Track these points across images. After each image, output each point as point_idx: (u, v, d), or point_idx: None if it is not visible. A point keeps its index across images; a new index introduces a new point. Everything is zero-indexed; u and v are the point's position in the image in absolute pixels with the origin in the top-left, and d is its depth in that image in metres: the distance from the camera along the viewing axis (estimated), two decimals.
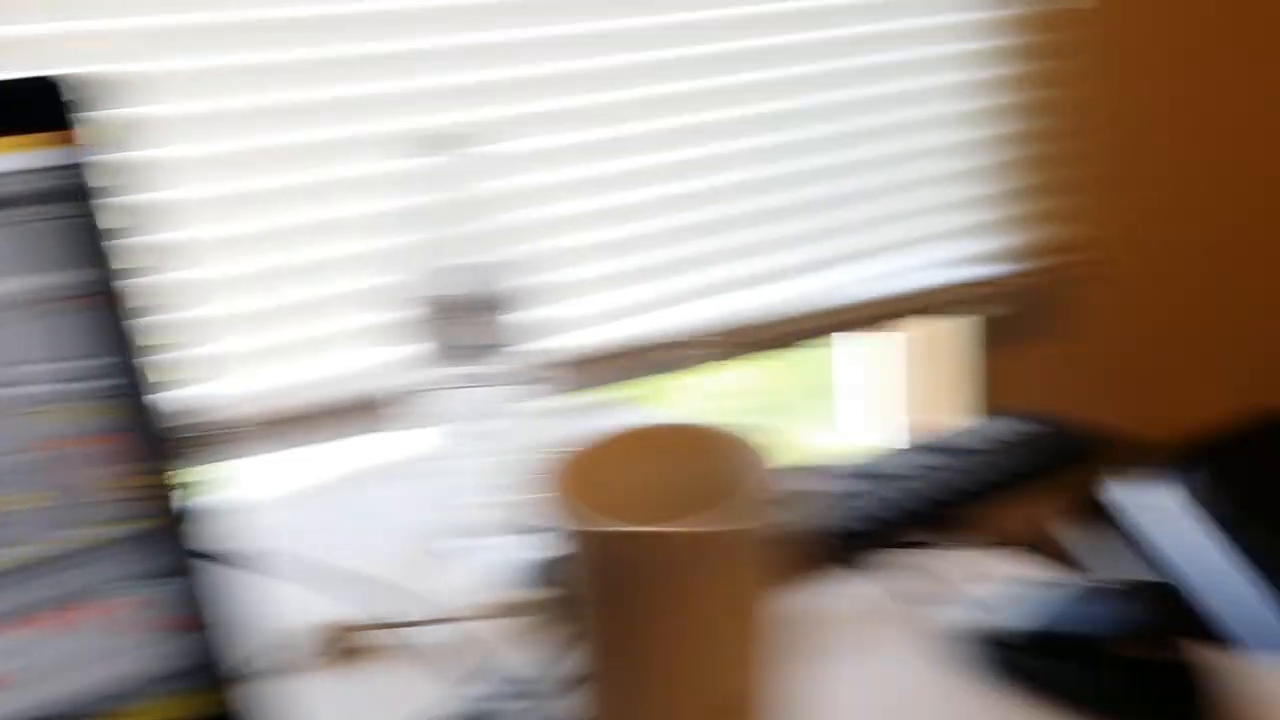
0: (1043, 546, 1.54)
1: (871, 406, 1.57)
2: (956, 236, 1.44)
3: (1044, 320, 1.56)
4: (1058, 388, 1.58)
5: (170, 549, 0.50)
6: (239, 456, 1.08)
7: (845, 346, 1.52)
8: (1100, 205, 1.55)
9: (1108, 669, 0.63)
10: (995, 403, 1.54)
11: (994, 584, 0.73)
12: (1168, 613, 0.66)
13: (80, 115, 0.47)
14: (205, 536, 0.50)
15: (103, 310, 0.48)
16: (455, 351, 0.75)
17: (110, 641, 0.50)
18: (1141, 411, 1.65)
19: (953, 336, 1.52)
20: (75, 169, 0.47)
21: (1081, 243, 1.53)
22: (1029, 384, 1.57)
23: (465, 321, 0.75)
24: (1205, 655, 0.64)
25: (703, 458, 0.56)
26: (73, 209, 0.47)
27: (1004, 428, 0.96)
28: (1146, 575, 1.48)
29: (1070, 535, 1.54)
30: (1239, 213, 1.69)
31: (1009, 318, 1.53)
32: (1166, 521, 1.47)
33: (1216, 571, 1.44)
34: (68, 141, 0.47)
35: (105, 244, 0.47)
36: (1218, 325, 1.71)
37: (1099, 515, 1.52)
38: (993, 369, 1.55)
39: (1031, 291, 1.52)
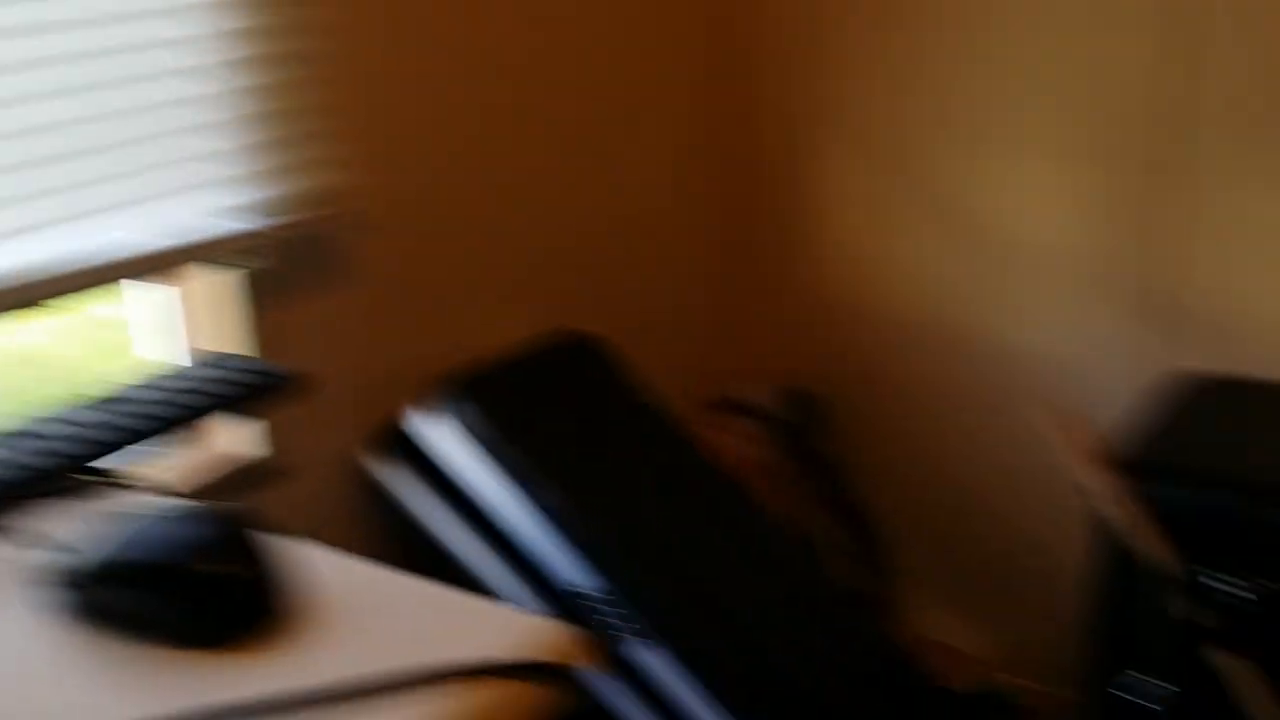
0: (354, 479, 1.58)
1: (143, 359, 1.49)
2: (211, 188, 1.36)
3: (321, 269, 1.53)
4: (341, 334, 1.57)
5: None
6: None
7: (110, 300, 1.43)
8: (358, 154, 1.54)
9: (180, 589, 0.62)
10: (276, 354, 1.49)
11: (84, 525, 0.70)
12: (240, 528, 0.65)
13: None
14: None
15: None
16: None
17: None
18: (432, 348, 1.68)
19: (227, 288, 1.46)
20: None
21: (344, 192, 1.51)
22: (312, 333, 1.54)
23: None
24: (276, 564, 0.65)
25: None
26: None
27: (183, 373, 0.94)
28: (420, 499, 1.55)
29: (376, 466, 1.60)
30: (491, 150, 1.72)
31: (286, 268, 1.49)
32: (453, 448, 1.54)
33: (492, 491, 1.53)
34: None
35: None
36: (490, 260, 1.74)
37: (403, 445, 1.58)
38: (275, 320, 1.49)
39: (302, 241, 1.48)
